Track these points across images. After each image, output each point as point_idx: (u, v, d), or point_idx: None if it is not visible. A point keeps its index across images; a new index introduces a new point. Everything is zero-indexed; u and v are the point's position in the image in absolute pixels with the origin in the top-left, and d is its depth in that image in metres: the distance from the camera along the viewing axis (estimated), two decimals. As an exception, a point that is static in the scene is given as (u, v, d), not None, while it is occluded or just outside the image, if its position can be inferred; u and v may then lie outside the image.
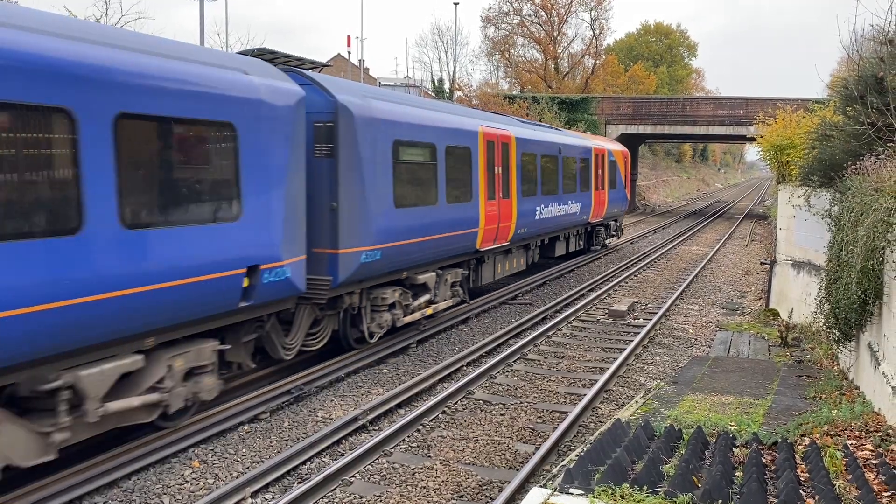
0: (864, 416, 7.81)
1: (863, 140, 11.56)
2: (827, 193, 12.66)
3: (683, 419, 8.51)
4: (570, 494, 5.30)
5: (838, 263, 9.82)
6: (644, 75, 74.31)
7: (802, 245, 15.73)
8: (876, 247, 8.20)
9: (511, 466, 8.01)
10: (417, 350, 12.75)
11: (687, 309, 17.47)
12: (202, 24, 30.11)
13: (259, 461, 7.94)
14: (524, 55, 68.33)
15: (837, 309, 9.81)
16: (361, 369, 11.37)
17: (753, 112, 36.79)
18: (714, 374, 11.20)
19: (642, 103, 47.39)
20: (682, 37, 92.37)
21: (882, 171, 9.57)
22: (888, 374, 7.75)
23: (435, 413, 9.54)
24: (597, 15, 66.49)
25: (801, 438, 7.24)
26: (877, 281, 8.44)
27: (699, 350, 13.50)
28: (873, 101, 11.17)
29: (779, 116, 21.67)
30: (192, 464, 7.82)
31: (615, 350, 13.09)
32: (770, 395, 9.89)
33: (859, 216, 9.05)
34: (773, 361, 12.22)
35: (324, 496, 7.16)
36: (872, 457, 6.39)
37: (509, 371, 11.72)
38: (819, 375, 10.98)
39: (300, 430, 8.91)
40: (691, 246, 31.46)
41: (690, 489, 5.24)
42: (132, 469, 7.45)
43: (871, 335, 9.04)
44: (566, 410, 9.72)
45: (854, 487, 5.54)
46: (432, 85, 53.91)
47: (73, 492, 6.86)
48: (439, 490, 7.37)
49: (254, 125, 8.56)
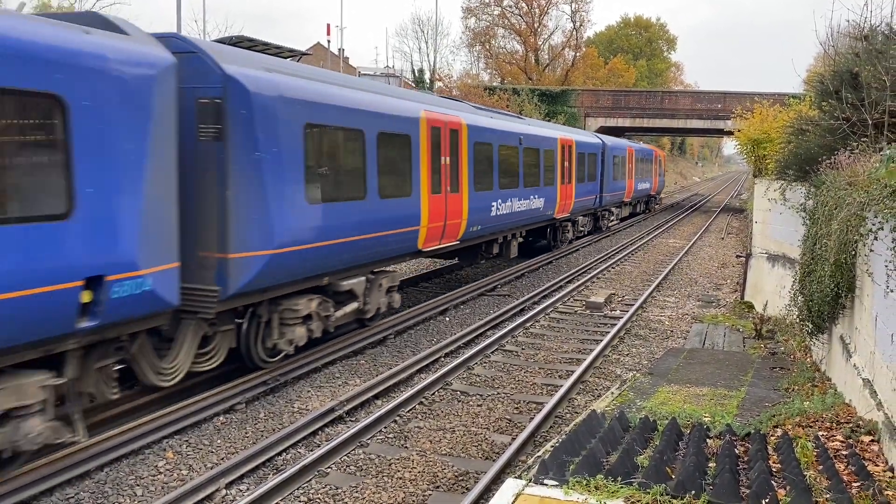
0: (835, 407, 7.92)
1: (838, 135, 11.69)
2: (802, 187, 12.79)
3: (658, 410, 8.58)
4: (545, 485, 5.32)
5: (812, 257, 9.93)
6: (624, 68, 74.67)
7: (777, 238, 15.89)
8: (849, 240, 8.29)
9: (487, 457, 8.03)
10: (395, 341, 12.72)
11: (663, 301, 17.60)
12: (179, 11, 29.71)
13: (234, 452, 7.89)
14: (505, 46, 68.42)
15: (811, 302, 9.93)
16: (339, 360, 11.32)
17: (731, 106, 37.06)
18: (689, 366, 11.29)
19: (622, 96, 47.63)
20: (662, 30, 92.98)
21: (856, 165, 9.68)
22: (859, 366, 7.86)
23: (412, 404, 9.53)
24: (577, 7, 66.73)
25: (774, 430, 7.33)
26: (849, 274, 8.55)
27: (675, 342, 13.61)
28: (848, 96, 11.29)
29: (756, 111, 21.83)
30: (165, 455, 7.75)
31: (592, 341, 13.16)
32: (744, 387, 9.99)
33: (833, 210, 9.15)
34: (747, 353, 12.35)
35: (299, 487, 7.13)
36: (843, 447, 6.48)
37: (487, 362, 11.74)
38: (792, 367, 11.11)
39: (276, 421, 8.86)
40: (668, 238, 31.69)
41: (664, 480, 5.28)
42: (104, 460, 7.37)
43: (843, 328, 9.16)
44: (543, 401, 9.76)
45: (824, 478, 5.61)
46: (413, 75, 53.72)
47: (43, 483, 6.77)
48: (415, 481, 7.37)
49: (95, 98, 6.79)
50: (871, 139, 10.65)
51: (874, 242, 7.31)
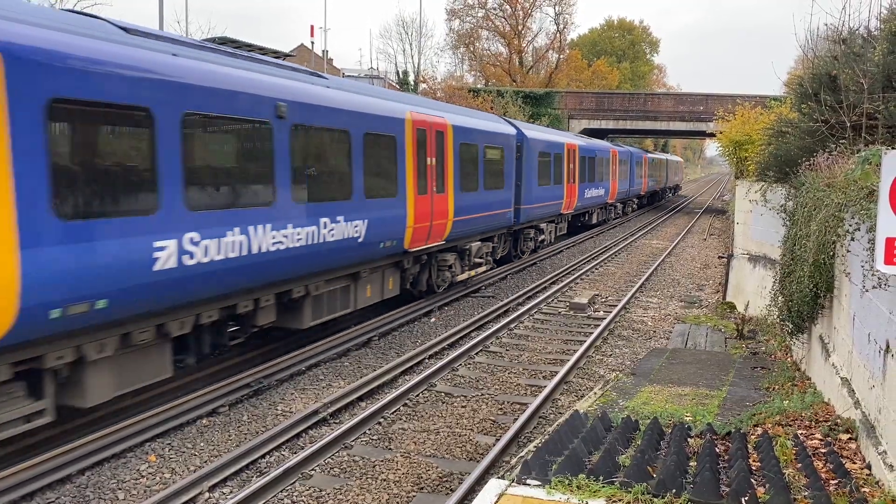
0: (814, 406, 8.02)
1: (817, 137, 11.84)
2: (782, 189, 12.93)
3: (641, 410, 8.63)
4: (528, 485, 5.35)
5: (792, 257, 10.04)
6: (607, 70, 74.94)
7: (758, 239, 16.05)
8: (827, 241, 8.40)
9: (472, 458, 8.05)
10: (380, 343, 12.71)
11: (646, 301, 17.71)
12: (161, 11, 29.46)
13: (217, 455, 7.86)
14: (489, 49, 68.46)
15: (791, 302, 10.04)
16: (323, 362, 11.31)
17: (713, 108, 37.29)
18: (672, 366, 11.38)
19: (605, 98, 47.83)
20: (645, 33, 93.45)
21: (834, 167, 9.81)
22: (837, 366, 7.96)
23: (396, 406, 9.54)
24: (561, 10, 66.90)
25: (754, 429, 7.40)
26: (828, 275, 8.65)
27: (658, 342, 13.70)
28: (827, 98, 11.44)
29: (737, 113, 22.04)
30: (148, 458, 7.71)
31: (576, 342, 13.22)
32: (725, 387, 10.08)
33: (812, 211, 9.26)
34: (729, 353, 12.46)
35: (283, 490, 7.11)
36: (821, 446, 6.57)
37: (472, 363, 11.76)
38: (773, 367, 11.22)
39: (259, 423, 8.84)
40: (651, 239, 31.89)
41: (645, 479, 5.33)
42: (86, 464, 7.31)
43: (822, 328, 9.27)
44: (527, 402, 9.80)
45: (803, 476, 5.69)
46: (397, 77, 53.62)
47: (24, 487, 6.71)
48: (399, 482, 7.38)
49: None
50: (850, 141, 10.80)
51: (851, 243, 7.41)
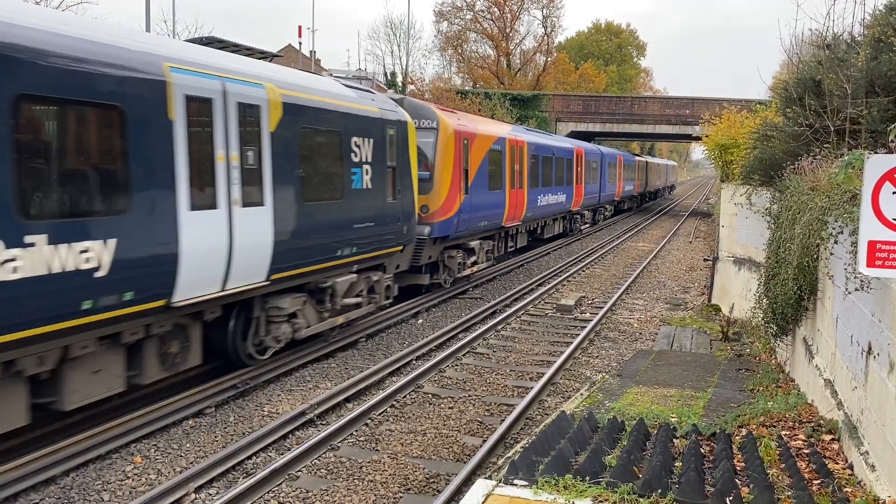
0: (797, 407, 8.10)
1: (801, 141, 11.96)
2: (767, 192, 13.04)
3: (627, 411, 8.68)
4: (515, 485, 5.38)
5: (776, 260, 10.13)
6: (594, 73, 75.26)
7: (744, 242, 16.18)
8: (811, 244, 8.49)
9: (459, 459, 8.06)
10: (367, 344, 12.71)
11: (632, 303, 17.81)
12: (148, 11, 29.33)
13: (203, 456, 7.83)
14: (477, 51, 68.51)
15: (775, 304, 10.13)
16: (309, 363, 11.29)
17: (699, 112, 37.59)
18: (657, 368, 11.45)
19: (592, 101, 48.08)
20: (632, 36, 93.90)
21: (818, 171, 9.90)
22: (821, 367, 8.05)
23: (383, 407, 9.54)
24: (548, 13, 67.06)
25: (739, 429, 7.47)
26: (812, 277, 8.74)
27: (643, 344, 13.78)
28: (811, 103, 11.55)
29: (723, 116, 22.21)
30: (133, 459, 7.67)
31: (562, 344, 13.27)
32: (710, 388, 10.16)
33: (796, 214, 9.35)
34: (714, 355, 12.55)
35: (269, 491, 7.10)
36: (804, 446, 6.63)
37: (459, 365, 11.78)
38: (757, 369, 11.32)
39: (246, 424, 8.81)
40: (638, 242, 32.05)
41: (631, 479, 5.37)
42: (71, 465, 7.26)
43: (805, 330, 9.37)
44: (514, 403, 9.83)
45: (787, 476, 5.75)
46: (385, 78, 53.59)
47: (7, 489, 6.65)
48: (386, 483, 7.38)
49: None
50: (833, 145, 10.92)
51: (834, 246, 7.49)
